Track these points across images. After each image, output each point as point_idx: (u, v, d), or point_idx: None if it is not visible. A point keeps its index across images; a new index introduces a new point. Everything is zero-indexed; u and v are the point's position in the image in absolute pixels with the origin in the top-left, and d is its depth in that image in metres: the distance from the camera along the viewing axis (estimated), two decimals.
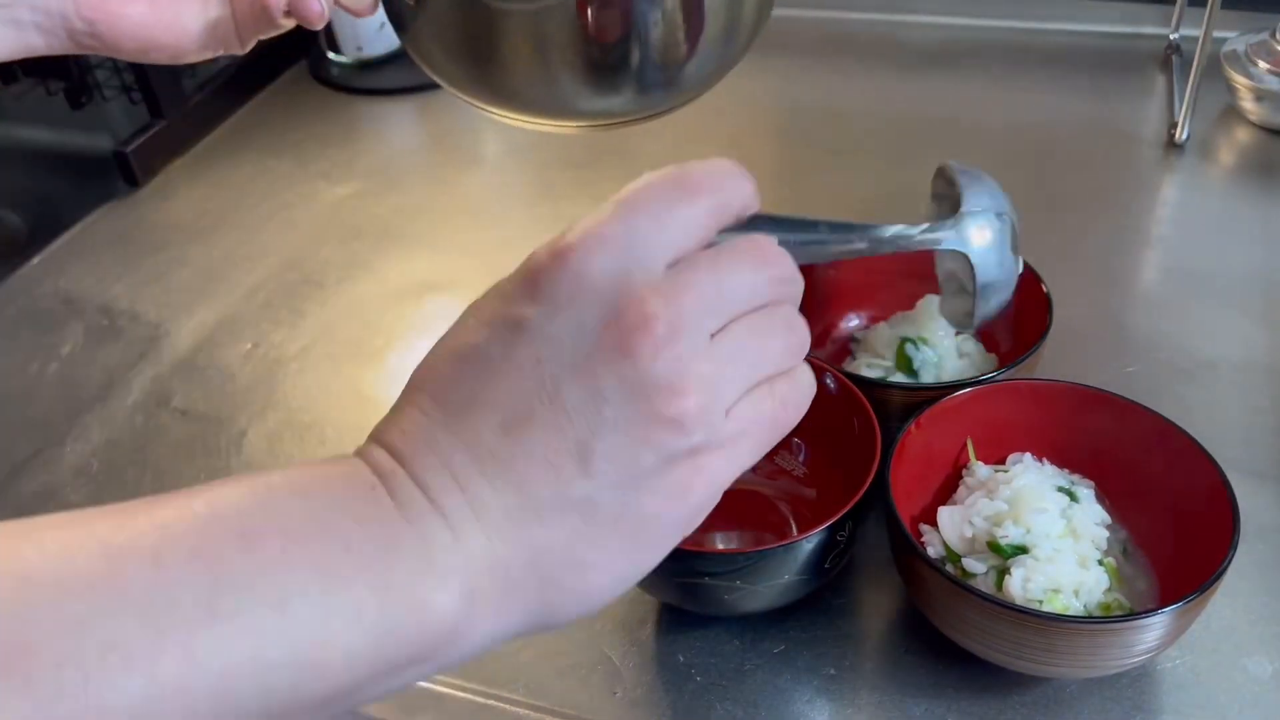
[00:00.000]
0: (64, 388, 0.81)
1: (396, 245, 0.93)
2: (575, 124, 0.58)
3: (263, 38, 0.58)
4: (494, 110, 0.58)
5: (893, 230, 0.48)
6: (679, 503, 0.35)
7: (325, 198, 1.00)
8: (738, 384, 0.36)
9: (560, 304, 0.34)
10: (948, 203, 0.57)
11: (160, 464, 0.73)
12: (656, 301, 0.34)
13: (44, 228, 0.98)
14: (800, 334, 0.38)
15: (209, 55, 0.57)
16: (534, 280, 0.34)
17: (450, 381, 0.35)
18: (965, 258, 0.54)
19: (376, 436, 0.35)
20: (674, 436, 0.34)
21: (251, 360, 0.82)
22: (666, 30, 0.54)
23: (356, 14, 0.55)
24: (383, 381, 0.79)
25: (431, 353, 0.36)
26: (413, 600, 0.32)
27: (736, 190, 0.37)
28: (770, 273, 0.37)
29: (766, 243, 0.37)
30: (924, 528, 0.59)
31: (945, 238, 0.53)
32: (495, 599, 0.34)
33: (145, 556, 0.30)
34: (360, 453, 0.35)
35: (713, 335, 0.35)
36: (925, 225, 0.52)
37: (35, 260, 0.94)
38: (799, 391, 0.38)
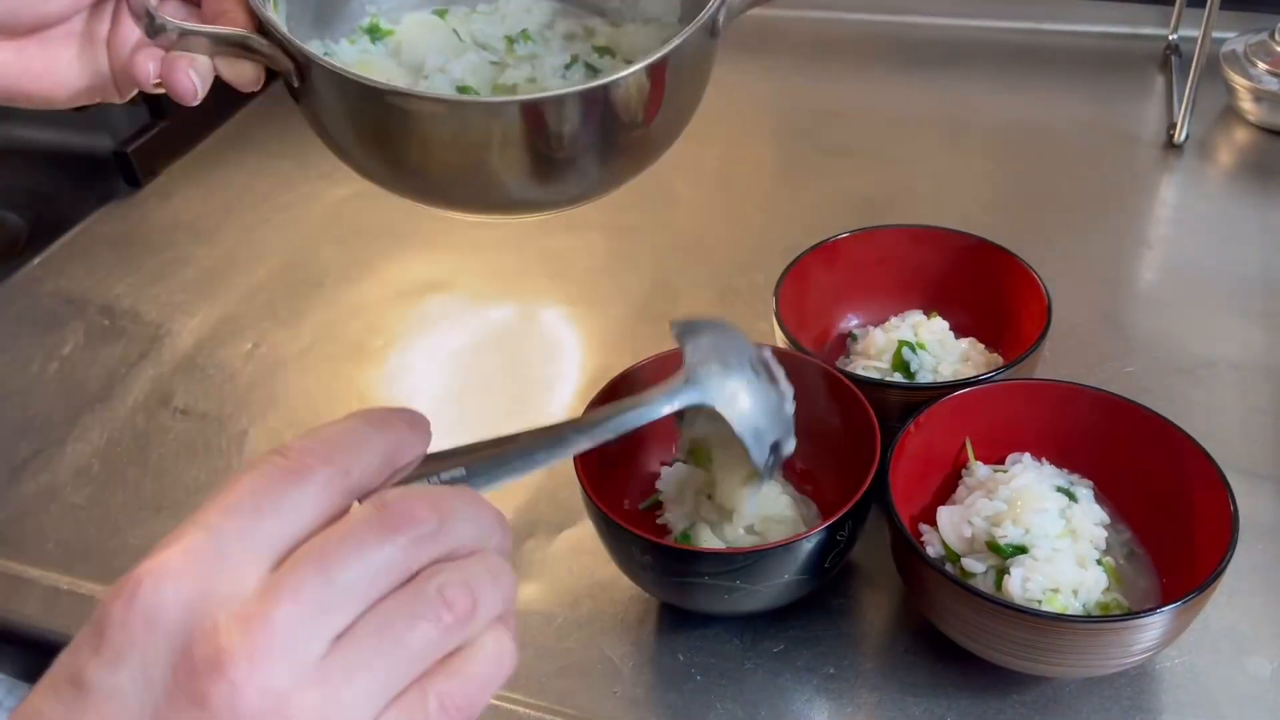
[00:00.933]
0: (65, 387, 0.81)
1: (397, 246, 0.93)
2: (488, 217, 0.50)
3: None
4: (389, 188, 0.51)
5: (612, 412, 0.43)
6: None
7: (326, 198, 1.00)
8: (372, 698, 0.29)
9: (124, 651, 0.28)
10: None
11: (161, 464, 0.73)
12: (231, 629, 0.28)
13: (45, 228, 0.98)
14: (465, 600, 0.30)
15: (83, 104, 0.54)
16: (99, 625, 0.28)
17: None
18: (713, 413, 0.48)
19: None
20: None
21: (252, 360, 0.82)
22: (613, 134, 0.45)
23: (240, 88, 0.53)
24: (383, 381, 0.79)
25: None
26: None
27: (365, 446, 0.31)
28: (408, 535, 0.30)
29: (401, 499, 0.31)
30: (923, 527, 0.59)
31: (674, 396, 0.47)
32: None
33: None
34: None
35: (339, 637, 0.29)
36: (654, 392, 0.46)
37: (36, 260, 0.95)
38: (467, 684, 0.31)
